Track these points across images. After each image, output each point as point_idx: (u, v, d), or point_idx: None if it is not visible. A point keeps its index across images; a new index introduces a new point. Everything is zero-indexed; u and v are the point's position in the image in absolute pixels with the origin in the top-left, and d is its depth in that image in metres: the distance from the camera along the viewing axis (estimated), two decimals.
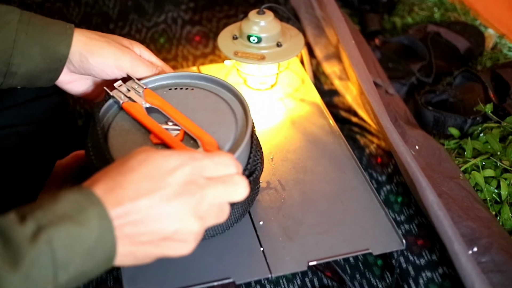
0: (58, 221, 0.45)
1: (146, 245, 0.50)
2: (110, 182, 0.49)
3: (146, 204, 0.49)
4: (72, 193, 0.48)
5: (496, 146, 0.90)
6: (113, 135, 0.66)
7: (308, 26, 1.18)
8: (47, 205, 0.46)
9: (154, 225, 0.50)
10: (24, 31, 0.65)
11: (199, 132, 0.65)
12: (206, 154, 0.54)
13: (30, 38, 0.65)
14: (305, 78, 0.98)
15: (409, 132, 0.93)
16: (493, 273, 0.72)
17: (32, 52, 0.66)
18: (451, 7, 1.34)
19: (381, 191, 0.90)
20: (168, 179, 0.50)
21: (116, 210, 0.48)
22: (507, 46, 1.21)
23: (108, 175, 0.50)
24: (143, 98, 0.69)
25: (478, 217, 0.80)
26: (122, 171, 0.50)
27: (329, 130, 0.86)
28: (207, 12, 1.36)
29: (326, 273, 0.80)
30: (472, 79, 1.06)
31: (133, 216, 0.49)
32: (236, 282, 0.64)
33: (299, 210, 0.73)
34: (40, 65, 0.67)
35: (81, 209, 0.47)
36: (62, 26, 0.68)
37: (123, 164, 0.51)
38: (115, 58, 0.70)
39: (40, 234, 0.44)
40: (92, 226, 0.46)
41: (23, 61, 0.65)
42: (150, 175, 0.50)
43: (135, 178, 0.50)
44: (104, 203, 0.48)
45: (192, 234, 0.52)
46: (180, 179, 0.51)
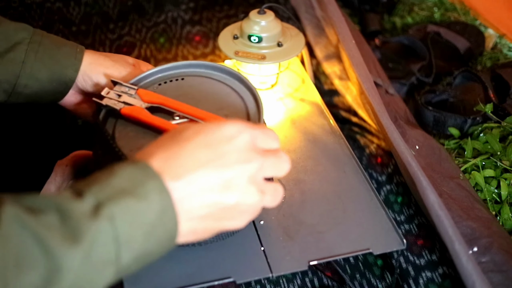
0: (117, 196, 0.43)
1: (206, 219, 0.48)
2: (166, 153, 0.47)
3: (205, 173, 0.47)
4: (128, 167, 0.45)
5: (496, 146, 0.90)
6: (122, 145, 0.63)
7: (308, 26, 1.18)
8: (103, 180, 0.44)
9: (214, 197, 0.48)
10: (34, 51, 0.65)
11: (214, 118, 0.62)
12: (255, 125, 0.52)
13: (39, 59, 0.65)
14: (305, 78, 0.98)
15: (409, 132, 0.93)
16: (493, 273, 0.72)
17: (39, 74, 0.65)
18: (451, 7, 1.34)
19: (381, 191, 0.90)
20: (226, 147, 0.48)
21: (175, 183, 0.46)
22: (507, 46, 1.21)
23: (162, 147, 0.48)
24: (139, 99, 0.67)
25: (478, 217, 0.80)
26: (177, 141, 0.48)
27: (329, 130, 0.86)
28: (207, 12, 1.36)
29: (326, 273, 0.80)
30: (472, 79, 1.06)
31: (192, 187, 0.47)
32: (237, 282, 0.64)
33: (299, 210, 0.73)
34: (46, 87, 0.67)
35: (139, 183, 0.44)
36: (72, 49, 0.68)
37: (177, 135, 0.49)
38: (119, 74, 0.70)
39: (100, 209, 0.42)
40: (152, 201, 0.44)
41: (29, 82, 0.65)
42: (207, 144, 0.48)
43: (192, 147, 0.48)
44: (162, 176, 0.45)
45: (251, 206, 0.50)
46: (237, 146, 0.49)
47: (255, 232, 0.70)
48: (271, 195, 0.52)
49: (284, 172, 0.53)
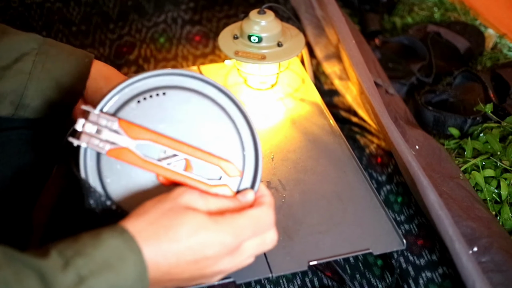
0: (98, 271, 0.47)
1: (175, 282, 0.53)
2: (154, 240, 0.50)
3: (184, 270, 0.52)
4: (115, 238, 0.49)
5: (496, 146, 0.90)
6: (111, 186, 0.58)
7: (308, 26, 1.18)
8: (88, 252, 0.47)
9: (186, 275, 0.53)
10: (42, 62, 0.64)
11: (210, 159, 0.59)
12: (248, 217, 0.55)
13: (46, 71, 0.64)
14: (305, 78, 0.99)
15: (409, 132, 0.93)
16: (493, 273, 0.72)
17: (47, 86, 0.64)
18: (451, 7, 1.34)
19: (381, 191, 0.90)
20: (211, 262, 0.53)
21: (154, 265, 0.50)
22: (507, 46, 1.21)
23: (153, 230, 0.51)
24: (124, 134, 0.58)
25: (478, 217, 0.80)
26: (168, 235, 0.51)
27: (329, 130, 0.86)
28: (207, 12, 1.36)
29: (326, 273, 0.80)
30: (472, 79, 1.06)
31: (168, 271, 0.51)
32: (237, 282, 0.64)
33: (299, 210, 0.73)
34: (53, 99, 0.65)
35: (121, 258, 0.48)
36: (80, 59, 0.65)
37: (171, 218, 0.52)
38: None
39: (81, 285, 0.46)
40: (129, 274, 0.48)
41: (36, 93, 0.64)
42: (195, 252, 0.52)
43: (180, 248, 0.51)
44: (144, 254, 0.49)
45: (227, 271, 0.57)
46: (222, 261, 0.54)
47: None
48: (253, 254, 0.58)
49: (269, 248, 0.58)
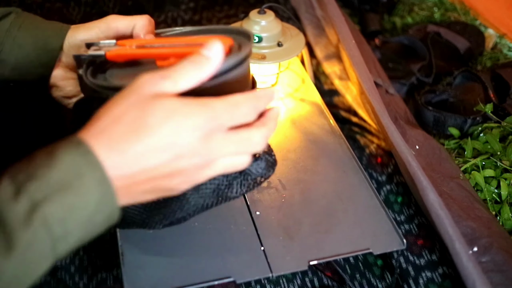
0: (53, 194, 0.43)
1: (146, 194, 0.49)
2: (118, 144, 0.45)
3: (152, 169, 0.46)
4: (68, 156, 0.44)
5: (496, 146, 0.90)
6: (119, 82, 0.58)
7: (308, 26, 1.18)
8: (41, 174, 0.43)
9: (158, 183, 0.48)
10: (19, 23, 0.65)
11: (205, 39, 0.55)
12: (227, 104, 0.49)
13: (24, 29, 0.65)
14: (305, 78, 0.99)
15: (409, 132, 0.93)
16: (493, 273, 0.72)
17: (23, 41, 0.65)
18: (451, 7, 1.34)
19: (381, 191, 0.90)
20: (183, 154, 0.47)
21: (119, 175, 0.45)
22: (507, 46, 1.21)
23: (116, 130, 0.45)
24: (123, 46, 0.61)
25: (478, 217, 0.80)
26: (135, 130, 0.45)
27: (329, 130, 0.86)
28: (207, 12, 1.36)
29: (326, 273, 0.80)
30: (472, 79, 1.06)
31: (137, 178, 0.46)
32: (237, 281, 0.64)
33: (299, 210, 0.73)
34: (30, 55, 0.66)
35: (79, 176, 0.43)
36: (58, 24, 0.68)
37: (137, 112, 0.46)
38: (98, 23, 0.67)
39: (34, 212, 0.42)
40: (91, 194, 0.44)
41: (13, 48, 0.64)
42: (168, 142, 0.46)
43: (152, 143, 0.45)
44: (106, 168, 0.44)
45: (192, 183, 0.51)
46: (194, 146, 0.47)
47: (255, 232, 0.70)
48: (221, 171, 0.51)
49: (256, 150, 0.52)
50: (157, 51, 0.58)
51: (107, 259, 0.82)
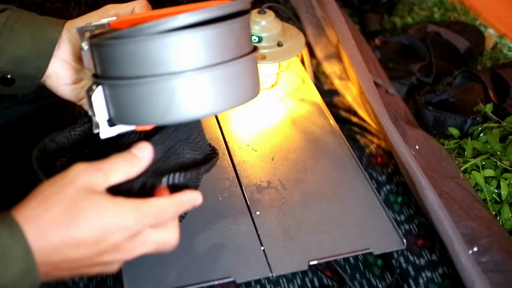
0: None
1: (66, 274, 0.52)
2: (47, 232, 0.48)
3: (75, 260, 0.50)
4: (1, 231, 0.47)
5: (496, 146, 0.90)
6: None
7: (308, 26, 1.18)
8: None
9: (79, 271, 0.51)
10: (16, 17, 0.66)
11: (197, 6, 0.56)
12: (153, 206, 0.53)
13: (21, 21, 0.65)
14: (305, 78, 0.98)
15: (409, 132, 0.93)
16: (493, 273, 0.72)
17: (20, 34, 0.65)
18: (451, 7, 1.34)
19: (381, 191, 0.90)
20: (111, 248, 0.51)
21: (44, 261, 0.48)
22: (507, 46, 1.21)
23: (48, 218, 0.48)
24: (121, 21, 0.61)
25: (478, 217, 0.80)
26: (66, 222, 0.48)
27: (329, 130, 0.86)
28: None
29: (326, 272, 0.80)
30: (472, 79, 1.06)
31: (59, 266, 0.49)
32: (237, 281, 0.64)
33: (299, 210, 0.73)
34: (27, 47, 0.66)
35: (6, 251, 0.46)
36: (54, 18, 0.68)
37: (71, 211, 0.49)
38: (95, 12, 0.68)
39: None
40: (15, 266, 0.46)
41: (10, 39, 0.65)
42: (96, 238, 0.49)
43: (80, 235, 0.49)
44: (32, 251, 0.47)
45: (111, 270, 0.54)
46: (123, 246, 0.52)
47: (255, 232, 0.70)
48: None
49: None
50: (160, 12, 0.58)
51: None
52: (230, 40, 0.55)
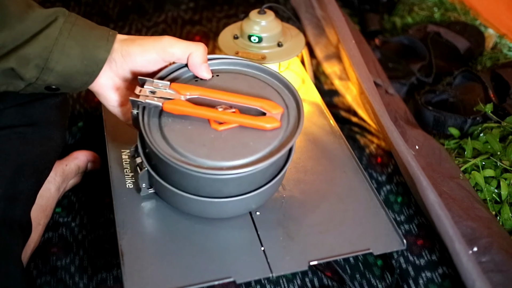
0: None
1: None
2: None
3: None
4: None
5: (496, 146, 0.90)
6: (173, 139, 0.64)
7: (308, 26, 1.18)
8: None
9: None
10: (68, 30, 0.66)
11: (254, 102, 0.67)
12: None
13: (72, 37, 0.66)
14: (305, 78, 0.98)
15: (409, 132, 0.93)
16: (493, 273, 0.72)
17: (71, 51, 0.66)
18: (451, 7, 1.34)
19: (381, 191, 0.90)
20: None
21: None
22: (507, 46, 1.21)
23: None
24: (176, 93, 0.67)
25: (478, 217, 0.80)
26: None
27: (329, 130, 0.86)
28: (207, 12, 1.36)
29: (326, 273, 0.80)
30: (472, 79, 1.06)
31: None
32: (237, 282, 0.64)
33: (299, 210, 0.73)
34: (77, 65, 0.67)
35: None
36: (105, 31, 0.69)
37: None
38: (153, 44, 0.69)
39: None
40: None
41: (61, 58, 0.66)
42: None
43: None
44: None
45: None
46: None
47: (255, 232, 0.70)
48: None
49: None
50: (212, 114, 0.65)
51: (107, 259, 0.82)
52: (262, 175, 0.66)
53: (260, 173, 0.65)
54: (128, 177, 0.76)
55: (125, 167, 0.78)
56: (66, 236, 0.86)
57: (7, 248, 0.70)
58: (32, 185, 0.76)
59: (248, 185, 0.66)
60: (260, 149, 0.64)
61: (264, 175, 0.66)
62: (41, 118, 0.82)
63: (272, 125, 0.66)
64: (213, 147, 0.64)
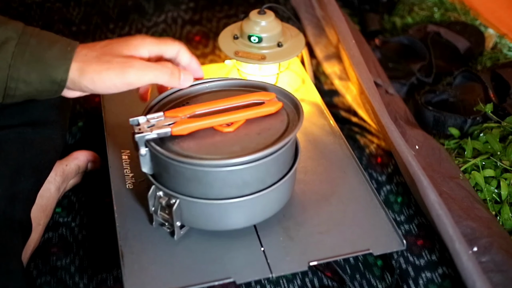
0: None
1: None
2: None
3: None
4: None
5: (496, 146, 0.90)
6: (188, 150, 0.64)
7: (308, 26, 1.18)
8: None
9: None
10: (21, 55, 0.62)
11: (251, 96, 0.70)
12: None
13: (26, 63, 0.63)
14: (305, 78, 0.98)
15: (409, 132, 0.93)
16: (493, 273, 0.72)
17: (28, 77, 0.63)
18: (451, 7, 1.34)
19: (381, 191, 0.90)
20: None
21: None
22: (507, 46, 1.21)
23: None
24: (175, 117, 0.66)
25: (478, 217, 0.80)
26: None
27: (329, 130, 0.86)
28: (207, 12, 1.36)
29: (326, 273, 0.80)
30: (472, 79, 1.06)
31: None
32: (237, 282, 0.64)
33: (299, 210, 0.73)
34: (38, 88, 0.64)
35: None
36: (62, 48, 0.64)
37: None
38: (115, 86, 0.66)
39: None
40: None
41: (19, 85, 0.63)
42: None
43: None
44: None
45: None
46: None
47: (255, 232, 0.70)
48: None
49: None
50: (221, 118, 0.66)
51: (107, 260, 0.82)
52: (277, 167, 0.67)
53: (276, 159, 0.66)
54: (128, 177, 0.76)
55: (125, 167, 0.78)
56: (66, 236, 0.86)
57: (7, 248, 0.70)
58: (32, 185, 0.76)
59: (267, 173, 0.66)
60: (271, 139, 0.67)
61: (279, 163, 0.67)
62: (41, 118, 0.82)
63: (276, 107, 0.70)
64: (227, 146, 0.64)
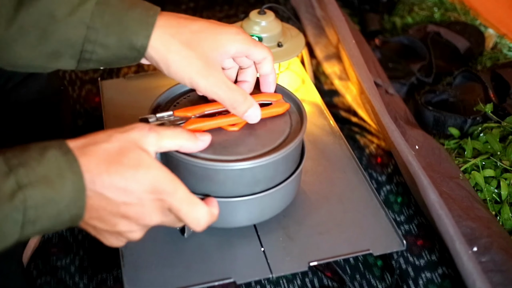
0: (37, 183, 0.48)
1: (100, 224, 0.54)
2: (98, 164, 0.51)
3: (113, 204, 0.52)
4: (58, 157, 0.50)
5: (496, 146, 0.90)
6: None
7: (308, 26, 1.18)
8: (31, 164, 0.49)
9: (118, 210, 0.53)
10: (100, 16, 0.58)
11: (259, 97, 0.69)
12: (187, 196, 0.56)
13: (105, 25, 0.58)
14: (305, 78, 0.98)
15: (409, 132, 0.93)
16: (493, 273, 0.72)
17: (107, 41, 0.59)
18: (451, 7, 1.34)
19: (381, 191, 0.90)
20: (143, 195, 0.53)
21: (92, 189, 0.51)
22: (507, 46, 1.21)
23: (100, 153, 0.52)
24: (184, 117, 0.67)
25: (478, 217, 0.80)
26: (114, 161, 0.52)
27: (329, 130, 0.86)
28: (207, 12, 1.36)
29: (326, 273, 0.80)
30: (472, 79, 1.06)
31: (102, 201, 0.52)
32: (237, 282, 0.65)
33: (299, 210, 0.73)
34: (116, 53, 0.60)
35: (61, 176, 0.49)
36: (143, 13, 0.60)
37: (119, 153, 0.53)
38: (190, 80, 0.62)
39: (18, 192, 0.47)
40: (66, 193, 0.49)
41: (96, 49, 0.59)
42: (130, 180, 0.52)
43: (119, 177, 0.52)
44: (84, 177, 0.50)
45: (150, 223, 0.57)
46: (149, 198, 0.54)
47: (255, 232, 0.70)
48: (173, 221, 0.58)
49: None
50: (232, 118, 0.66)
51: (107, 260, 0.82)
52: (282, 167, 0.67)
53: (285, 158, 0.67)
54: None
55: None
56: (66, 236, 0.86)
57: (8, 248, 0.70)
58: None
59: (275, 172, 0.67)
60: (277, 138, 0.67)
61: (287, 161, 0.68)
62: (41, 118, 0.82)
63: (284, 108, 0.70)
64: (235, 145, 0.65)
